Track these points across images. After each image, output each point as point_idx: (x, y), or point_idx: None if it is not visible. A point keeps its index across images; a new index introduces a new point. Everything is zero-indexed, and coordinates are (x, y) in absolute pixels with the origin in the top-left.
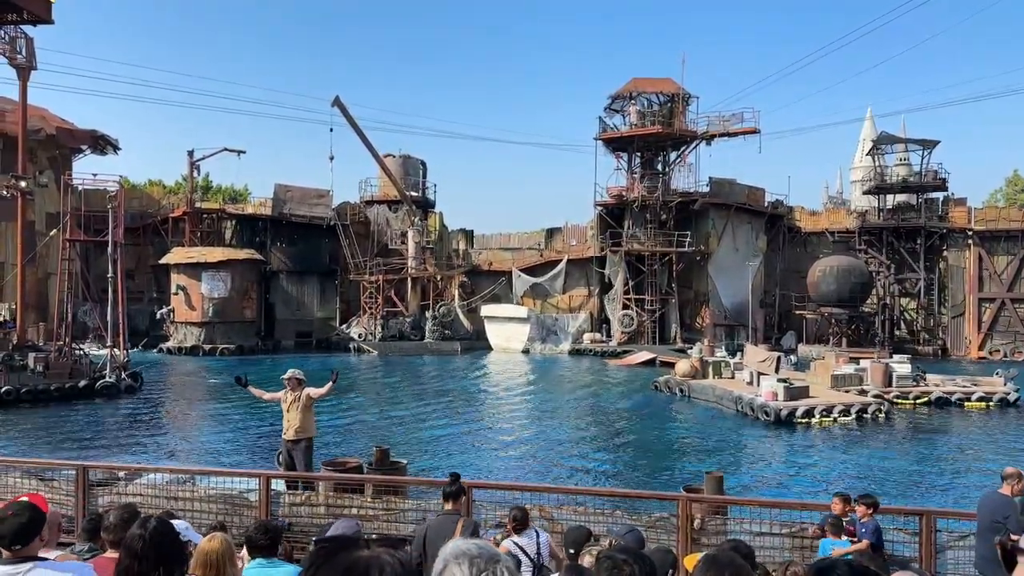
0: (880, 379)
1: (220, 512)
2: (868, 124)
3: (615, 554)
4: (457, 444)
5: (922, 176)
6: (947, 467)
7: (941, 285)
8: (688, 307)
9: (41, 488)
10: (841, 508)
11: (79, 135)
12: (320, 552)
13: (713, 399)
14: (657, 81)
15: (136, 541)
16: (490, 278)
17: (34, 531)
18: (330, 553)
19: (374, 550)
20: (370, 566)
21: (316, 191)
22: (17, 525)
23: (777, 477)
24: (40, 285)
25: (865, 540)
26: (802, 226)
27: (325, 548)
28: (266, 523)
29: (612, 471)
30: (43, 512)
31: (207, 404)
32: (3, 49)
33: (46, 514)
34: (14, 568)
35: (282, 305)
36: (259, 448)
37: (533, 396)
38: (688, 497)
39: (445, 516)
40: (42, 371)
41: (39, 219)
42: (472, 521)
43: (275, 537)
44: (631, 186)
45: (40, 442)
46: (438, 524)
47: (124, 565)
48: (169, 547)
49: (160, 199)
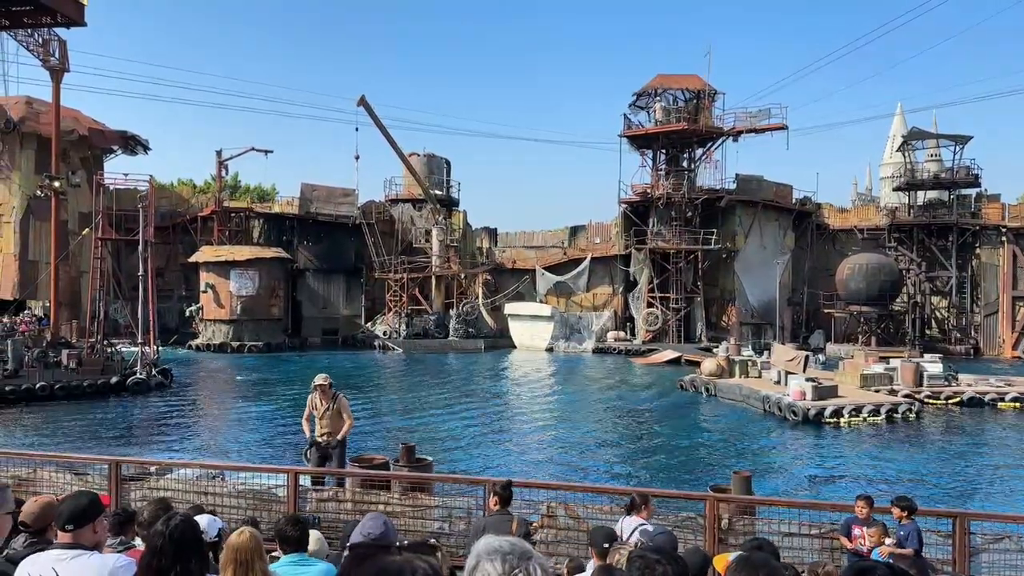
0: (911, 379)
1: (249, 507)
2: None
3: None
4: (481, 442)
5: (954, 172)
6: (980, 468)
7: (973, 283)
8: (714, 305)
9: (75, 483)
10: (867, 512)
11: (110, 136)
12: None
13: (740, 398)
14: (683, 78)
15: (157, 538)
16: (514, 276)
17: (90, 516)
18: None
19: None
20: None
21: (342, 190)
22: (75, 507)
23: (806, 477)
24: (73, 283)
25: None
26: (830, 223)
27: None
28: (296, 515)
29: (637, 470)
30: (103, 504)
31: (235, 401)
32: (37, 51)
33: (106, 506)
34: (62, 553)
35: (309, 303)
36: (287, 444)
37: (557, 394)
38: (716, 497)
39: (499, 516)
40: (75, 367)
41: (72, 218)
42: (525, 521)
43: (305, 530)
44: (656, 183)
45: (73, 437)
46: (494, 523)
47: (145, 561)
48: (189, 545)
49: (189, 198)
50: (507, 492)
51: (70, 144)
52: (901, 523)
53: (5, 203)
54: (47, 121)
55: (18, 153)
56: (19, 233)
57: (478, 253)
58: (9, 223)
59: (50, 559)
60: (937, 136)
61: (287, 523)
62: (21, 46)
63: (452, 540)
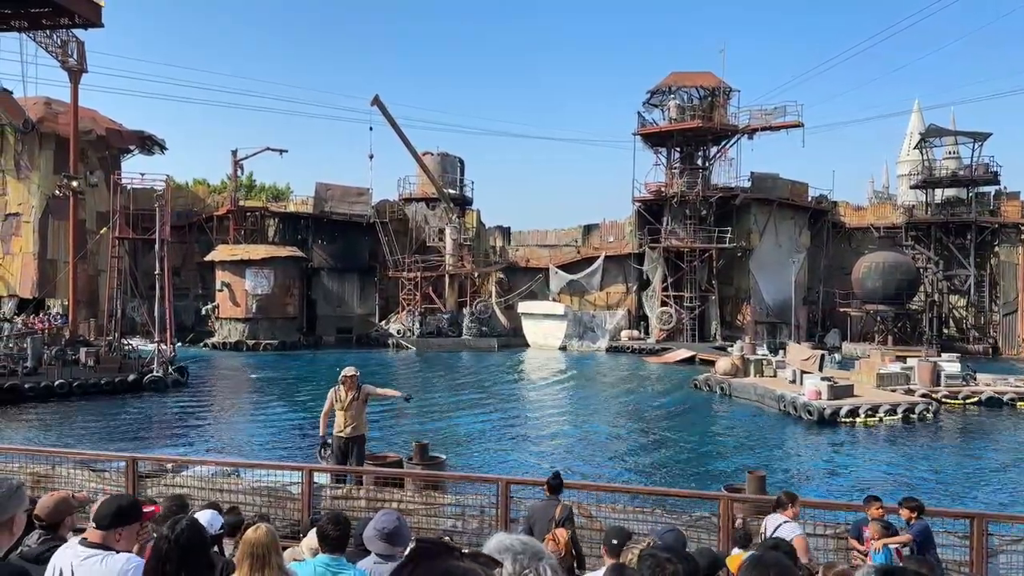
0: (928, 378)
1: (264, 504)
2: (916, 117)
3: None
4: (495, 440)
5: (972, 169)
6: (998, 469)
7: (992, 282)
8: (728, 304)
9: (93, 479)
10: (880, 512)
11: (127, 136)
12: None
13: (754, 398)
14: (697, 75)
15: (162, 542)
16: (527, 275)
17: (126, 519)
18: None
19: (469, 563)
20: None
21: (356, 189)
22: (115, 507)
23: (820, 477)
24: (91, 282)
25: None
26: (847, 221)
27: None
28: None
29: (651, 469)
30: (141, 509)
31: (251, 398)
32: (55, 52)
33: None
34: (82, 552)
35: (323, 301)
36: (302, 442)
37: (571, 393)
38: (730, 496)
39: (548, 501)
40: (93, 365)
41: (90, 218)
42: (568, 506)
43: (346, 530)
44: (670, 181)
45: (91, 434)
46: (543, 506)
47: (150, 566)
48: (195, 549)
49: (205, 198)
50: (556, 481)
51: (88, 144)
52: (910, 523)
53: (24, 203)
54: (65, 121)
55: (37, 153)
56: (38, 232)
57: (491, 252)
58: (28, 222)
59: (69, 555)
60: (955, 133)
61: (328, 521)
62: (40, 47)
63: (465, 538)
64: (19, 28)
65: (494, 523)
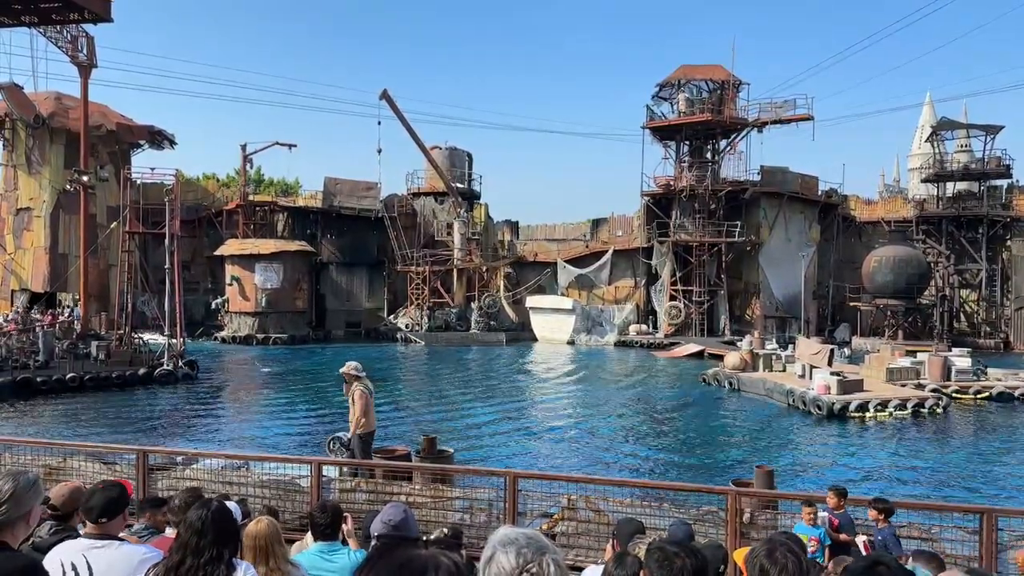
0: (938, 373)
1: (273, 497)
2: (927, 110)
3: (665, 546)
4: (503, 434)
5: (984, 163)
6: (1009, 464)
7: (1004, 276)
8: (738, 298)
9: (104, 471)
10: (836, 502)
11: (137, 130)
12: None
13: (763, 392)
14: (706, 68)
15: (198, 520)
16: (535, 269)
17: (121, 507)
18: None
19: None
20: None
21: (364, 184)
22: (106, 499)
23: (829, 472)
24: (102, 276)
25: (845, 535)
26: (857, 215)
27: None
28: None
29: (659, 463)
30: (129, 494)
31: (261, 392)
32: (66, 48)
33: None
34: (93, 543)
35: (332, 296)
36: (311, 435)
37: (579, 387)
38: (737, 491)
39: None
40: (104, 359)
41: (100, 212)
42: None
43: (336, 517)
44: (679, 175)
45: (102, 427)
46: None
47: (183, 540)
48: (229, 529)
49: (214, 192)
50: None
51: (98, 139)
52: (878, 526)
53: (36, 197)
54: (76, 116)
55: (48, 148)
56: (49, 227)
57: (499, 246)
58: (39, 217)
59: (81, 547)
60: (967, 126)
61: (317, 509)
62: (50, 42)
63: (473, 532)
64: (29, 23)
65: (502, 516)
